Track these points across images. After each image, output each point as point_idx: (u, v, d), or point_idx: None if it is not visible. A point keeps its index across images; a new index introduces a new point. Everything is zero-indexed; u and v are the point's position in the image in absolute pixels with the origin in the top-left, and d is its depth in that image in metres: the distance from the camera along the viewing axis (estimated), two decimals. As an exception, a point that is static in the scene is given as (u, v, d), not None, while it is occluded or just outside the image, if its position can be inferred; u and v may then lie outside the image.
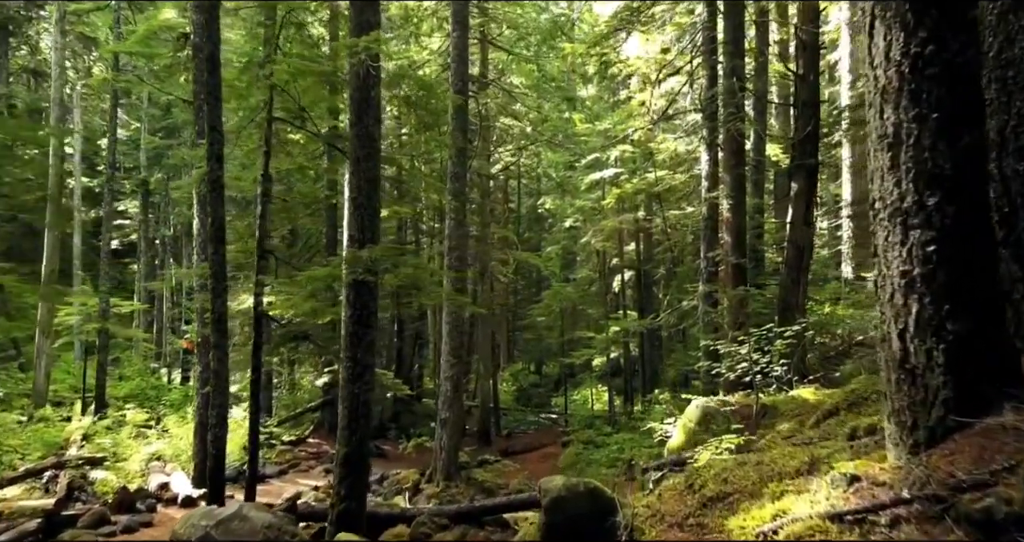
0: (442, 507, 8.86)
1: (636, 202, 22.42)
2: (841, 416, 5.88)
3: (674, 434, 9.48)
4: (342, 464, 7.11)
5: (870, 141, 3.28)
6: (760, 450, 4.68)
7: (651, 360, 25.80)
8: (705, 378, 12.78)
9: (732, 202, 13.03)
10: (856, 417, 5.61)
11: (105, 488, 12.00)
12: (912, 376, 2.98)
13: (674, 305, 17.94)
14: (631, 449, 16.56)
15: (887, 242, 3.12)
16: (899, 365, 3.04)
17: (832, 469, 3.25)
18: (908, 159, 3.03)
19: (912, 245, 3.00)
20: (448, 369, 14.52)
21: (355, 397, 7.25)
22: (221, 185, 8.71)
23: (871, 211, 3.26)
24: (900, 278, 3.04)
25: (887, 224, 3.12)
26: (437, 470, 14.51)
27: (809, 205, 12.74)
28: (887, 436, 3.15)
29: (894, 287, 3.08)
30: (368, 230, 7.44)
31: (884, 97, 3.14)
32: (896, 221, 3.07)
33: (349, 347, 7.36)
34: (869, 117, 3.27)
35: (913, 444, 2.95)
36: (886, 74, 3.12)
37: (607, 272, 27.23)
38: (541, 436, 22.16)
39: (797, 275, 12.59)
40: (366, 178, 7.51)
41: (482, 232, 21.68)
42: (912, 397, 2.97)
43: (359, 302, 7.34)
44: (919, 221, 2.99)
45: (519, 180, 34.57)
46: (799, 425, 7.73)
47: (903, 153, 3.05)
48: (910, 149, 3.03)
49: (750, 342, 8.63)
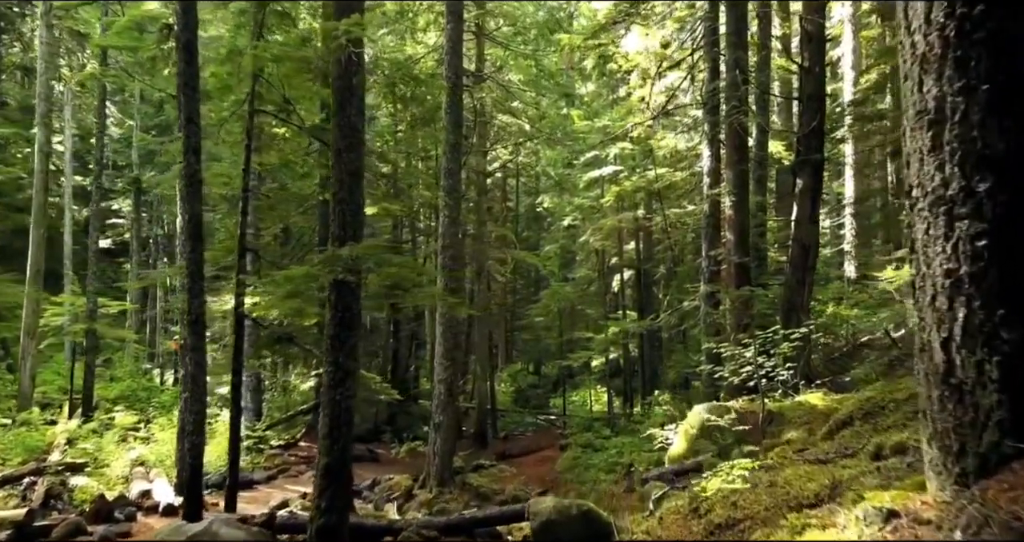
0: (431, 518, 8.42)
1: (636, 200, 21.98)
2: (856, 427, 5.43)
3: (675, 441, 9.05)
4: (323, 475, 6.68)
5: (906, 118, 2.84)
6: (772, 468, 4.24)
7: (651, 361, 25.36)
8: (706, 381, 12.34)
9: (735, 199, 12.60)
10: (873, 429, 5.17)
11: (84, 496, 11.54)
12: (959, 393, 2.54)
13: (674, 305, 17.51)
14: (630, 453, 16.12)
15: (928, 236, 2.68)
16: (942, 380, 2.59)
17: (861, 498, 2.81)
18: (953, 138, 2.59)
19: (958, 239, 2.56)
20: (442, 372, 14.08)
21: (336, 404, 6.81)
22: (198, 180, 8.27)
23: (907, 200, 2.82)
24: (944, 278, 2.60)
25: (927, 215, 2.68)
26: (430, 476, 14.07)
27: (815, 202, 12.30)
28: (927, 461, 2.70)
29: (936, 289, 2.63)
30: (350, 227, 7.00)
31: (924, 67, 2.70)
32: (939, 211, 2.63)
33: (331, 351, 6.92)
34: (905, 90, 2.83)
35: (960, 473, 2.51)
36: (926, 39, 2.68)
37: (606, 271, 26.79)
38: (539, 439, 21.72)
39: (802, 275, 12.15)
40: (348, 171, 7.07)
41: (479, 231, 21.24)
42: (959, 417, 2.53)
43: (341, 303, 6.90)
44: (967, 211, 2.54)
45: (517, 179, 34.12)
46: (808, 433, 7.29)
47: (947, 131, 2.61)
48: (955, 127, 2.58)
49: (755, 344, 8.19)
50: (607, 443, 18.13)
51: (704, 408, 8.64)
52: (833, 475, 3.51)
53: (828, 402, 8.19)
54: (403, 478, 14.33)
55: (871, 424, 5.33)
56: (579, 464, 17.00)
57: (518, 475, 16.52)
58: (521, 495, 14.38)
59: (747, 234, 12.72)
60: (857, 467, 3.70)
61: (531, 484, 16.38)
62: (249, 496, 13.15)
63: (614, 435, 19.01)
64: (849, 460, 4.03)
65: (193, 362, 8.09)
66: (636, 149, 21.24)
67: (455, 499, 13.76)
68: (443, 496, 13.75)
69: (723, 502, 3.68)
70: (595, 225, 23.43)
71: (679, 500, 4.37)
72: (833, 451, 4.62)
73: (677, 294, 19.38)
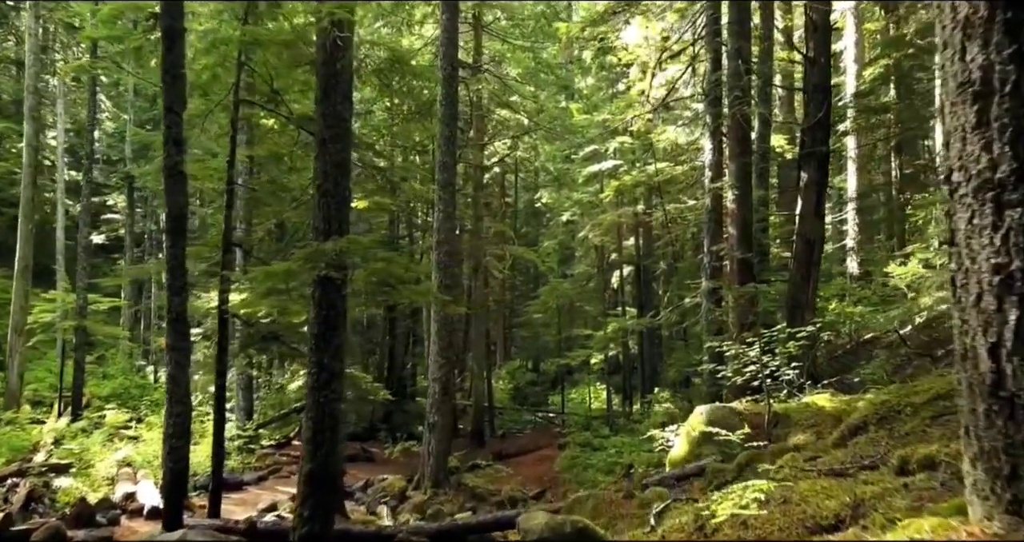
0: (422, 525, 8.09)
1: (635, 195, 21.61)
2: (871, 433, 5.10)
3: (676, 444, 8.72)
4: (306, 481, 6.34)
5: (945, 92, 2.49)
6: (784, 479, 3.90)
7: (651, 358, 25.05)
8: (708, 380, 12.01)
9: (737, 193, 12.25)
10: (889, 435, 4.83)
11: (67, 497, 11.22)
12: (1010, 407, 2.20)
13: (675, 302, 17.16)
14: (630, 453, 15.80)
15: (972, 226, 2.34)
16: (990, 392, 2.25)
17: (891, 523, 2.47)
18: (1002, 113, 2.25)
19: (1009, 229, 2.21)
20: (437, 370, 13.75)
21: (321, 407, 6.47)
22: (180, 172, 7.92)
23: (946, 186, 2.47)
24: (992, 274, 2.25)
25: (971, 202, 2.34)
26: (425, 476, 13.75)
27: (820, 196, 11.97)
28: (970, 484, 2.36)
29: (982, 286, 2.29)
30: (335, 220, 6.65)
31: (967, 32, 2.35)
32: (985, 198, 2.28)
33: (315, 351, 6.58)
34: (943, 61, 2.48)
35: (1012, 500, 2.17)
36: (971, 1, 2.33)
37: (605, 268, 26.46)
38: (537, 437, 21.40)
39: (807, 271, 11.81)
40: (333, 162, 6.72)
41: (476, 226, 20.90)
42: (1010, 436, 2.19)
43: (325, 301, 6.56)
44: (1019, 196, 2.20)
45: (516, 174, 33.75)
46: (817, 437, 6.96)
47: (995, 105, 2.26)
48: (1005, 99, 2.24)
49: (760, 343, 7.84)
50: (606, 442, 17.82)
51: (706, 409, 8.31)
52: (854, 492, 3.18)
53: (836, 403, 7.86)
54: (397, 479, 14.01)
55: (887, 430, 4.99)
56: (577, 464, 16.67)
57: (515, 475, 16.20)
58: (518, 496, 14.07)
59: (750, 229, 12.37)
60: (880, 482, 3.36)
61: (528, 484, 16.06)
62: (238, 498, 12.84)
63: (613, 434, 18.70)
64: (870, 473, 3.69)
65: (174, 362, 7.74)
66: (636, 143, 20.88)
67: (450, 500, 13.44)
68: (438, 497, 13.43)
69: (731, 521, 3.34)
70: (594, 220, 23.06)
71: (683, 515, 4.03)
72: (849, 461, 4.28)
73: (678, 291, 19.05)
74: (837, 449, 5.07)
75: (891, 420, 5.11)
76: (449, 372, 13.95)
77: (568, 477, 16.50)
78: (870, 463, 3.92)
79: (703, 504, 3.84)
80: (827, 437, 6.63)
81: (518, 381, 33.24)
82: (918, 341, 10.83)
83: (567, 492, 15.25)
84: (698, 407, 8.58)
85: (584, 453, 17.51)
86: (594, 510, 6.90)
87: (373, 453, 17.75)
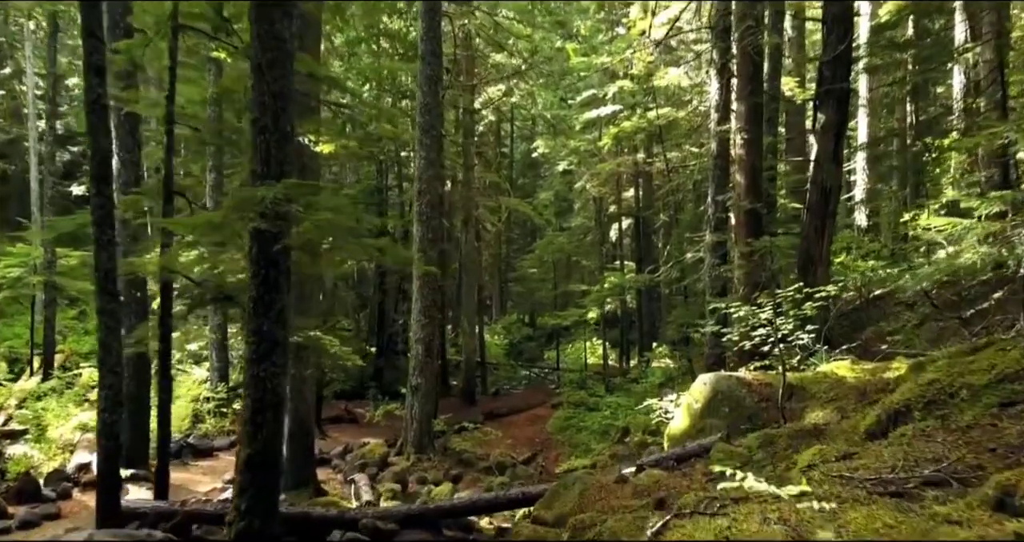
0: (389, 509, 7.22)
1: (635, 142, 20.37)
2: (918, 421, 4.14)
3: (676, 416, 7.81)
4: (244, 469, 5.42)
5: None
6: (821, 498, 2.93)
7: (649, 313, 24.19)
8: (710, 342, 11.07)
9: (746, 137, 11.11)
10: (943, 426, 3.87)
11: (19, 467, 10.41)
12: None
13: (675, 257, 16.14)
14: (625, 416, 15.03)
15: None
16: None
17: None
18: None
19: None
20: (420, 330, 12.83)
21: (261, 382, 5.50)
22: (103, 106, 6.80)
23: None
24: None
25: None
26: (408, 442, 12.98)
27: (839, 139, 10.79)
28: None
29: None
30: (275, 162, 5.57)
31: None
32: None
33: (253, 317, 5.58)
34: None
35: None
36: None
37: (604, 220, 25.36)
38: (530, 396, 20.65)
39: (821, 223, 10.74)
40: (272, 92, 5.60)
41: (466, 176, 19.75)
42: None
43: (263, 258, 5.53)
44: None
45: (512, 123, 32.37)
46: (839, 415, 6.03)
47: None
48: None
49: (773, 304, 6.84)
50: (601, 402, 17.07)
51: (710, 379, 7.37)
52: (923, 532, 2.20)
53: (858, 373, 6.92)
54: (378, 444, 13.23)
55: (939, 419, 4.03)
56: (571, 425, 15.94)
57: (505, 437, 15.44)
58: (506, 461, 13.32)
59: (759, 177, 11.27)
60: (963, 513, 2.39)
61: (519, 447, 15.32)
62: (207, 465, 12.07)
63: (609, 393, 17.94)
64: (941, 494, 2.72)
65: (105, 327, 6.76)
66: (636, 87, 19.54)
67: (434, 467, 12.69)
68: (421, 464, 12.67)
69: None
70: (592, 170, 21.89)
71: (687, 535, 3.09)
72: (902, 466, 3.32)
73: (679, 245, 18.01)
74: (876, 443, 4.11)
75: (943, 405, 4.14)
76: (432, 332, 13.03)
77: (561, 439, 15.77)
78: (937, 477, 2.95)
79: (720, 522, 2.89)
80: (853, 416, 5.69)
81: (513, 336, 32.49)
82: (942, 299, 9.85)
83: (559, 456, 14.54)
84: (701, 376, 7.64)
85: (578, 414, 16.77)
86: (580, 499, 6.02)
87: (358, 414, 16.97)
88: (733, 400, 7.04)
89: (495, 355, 28.24)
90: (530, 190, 34.29)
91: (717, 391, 7.21)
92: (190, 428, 13.55)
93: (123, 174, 10.64)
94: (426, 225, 12.49)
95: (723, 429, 6.92)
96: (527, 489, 6.97)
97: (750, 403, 6.97)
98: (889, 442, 3.98)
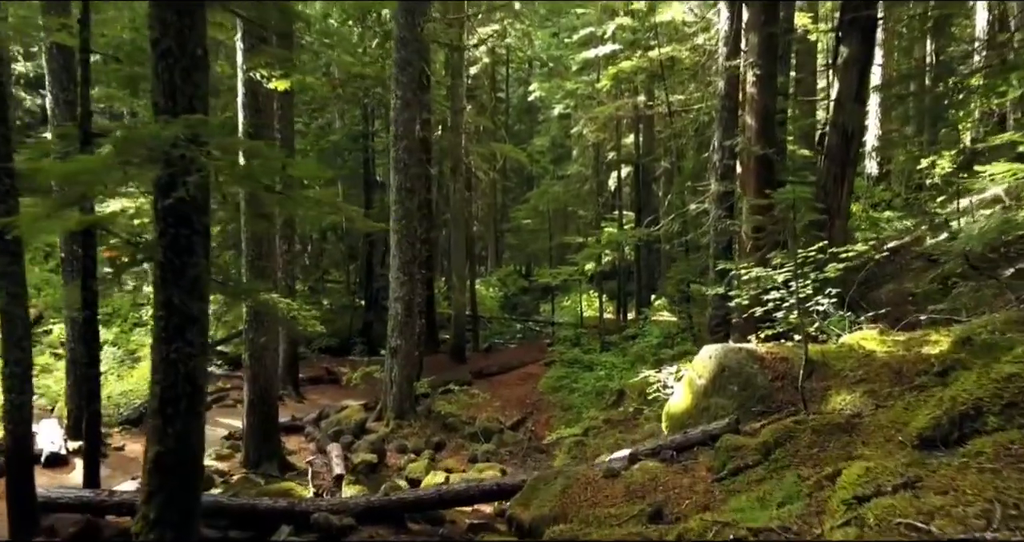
0: (347, 500, 6.33)
1: (635, 83, 19.00)
2: (993, 428, 3.16)
3: (677, 392, 6.87)
4: (152, 470, 4.48)
5: None
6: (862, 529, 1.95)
7: (648, 264, 23.18)
8: (715, 302, 10.08)
9: (759, 73, 9.88)
10: None
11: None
12: None
13: (676, 207, 15.01)
14: (620, 377, 14.16)
15: None
16: None
17: None
18: None
19: None
20: (399, 288, 11.84)
21: (172, 365, 4.51)
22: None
23: None
24: None
25: None
26: (387, 407, 12.12)
27: (863, 75, 9.61)
28: None
29: None
30: (183, 94, 4.46)
31: None
32: None
33: (161, 286, 4.56)
34: None
35: None
36: None
37: (602, 168, 24.10)
38: (523, 352, 19.79)
39: (841, 170, 9.65)
40: (176, 9, 4.45)
41: (454, 120, 18.43)
42: None
43: (172, 216, 4.48)
44: None
45: (507, 66, 30.74)
46: (873, 402, 5.06)
47: None
48: None
49: (795, 263, 5.79)
50: (596, 360, 16.19)
51: (716, 351, 6.39)
52: None
53: (890, 347, 5.93)
54: (355, 409, 12.38)
55: (1019, 425, 3.04)
56: (563, 386, 15.09)
57: (494, 399, 14.60)
58: (493, 427, 12.50)
59: (773, 118, 10.11)
60: None
61: (508, 409, 14.49)
62: (169, 435, 11.20)
63: (605, 350, 17.07)
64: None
65: (6, 294, 5.75)
66: (637, 24, 18.08)
67: (415, 433, 11.86)
68: (401, 430, 11.84)
69: None
70: (590, 114, 20.56)
71: None
72: (997, 516, 2.33)
73: (680, 194, 16.87)
74: (938, 457, 3.12)
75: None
76: (412, 290, 12.03)
77: (552, 400, 14.93)
78: None
79: None
80: (890, 405, 4.72)
81: (509, 289, 31.54)
82: (975, 255, 8.81)
83: (550, 420, 13.72)
84: (706, 348, 6.66)
85: (572, 372, 15.91)
86: (562, 497, 5.10)
87: (340, 374, 16.06)
88: (743, 377, 6.08)
89: (489, 308, 27.36)
90: (526, 136, 32.83)
91: (724, 366, 6.24)
92: (146, 395, 12.62)
93: (58, 116, 9.47)
94: (403, 173, 11.35)
95: (731, 410, 5.98)
96: (502, 481, 6.06)
97: (762, 381, 6.00)
98: (962, 463, 2.99)
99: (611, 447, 10.49)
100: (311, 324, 7.87)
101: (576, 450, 10.95)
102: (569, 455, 10.88)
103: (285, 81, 8.06)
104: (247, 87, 8.57)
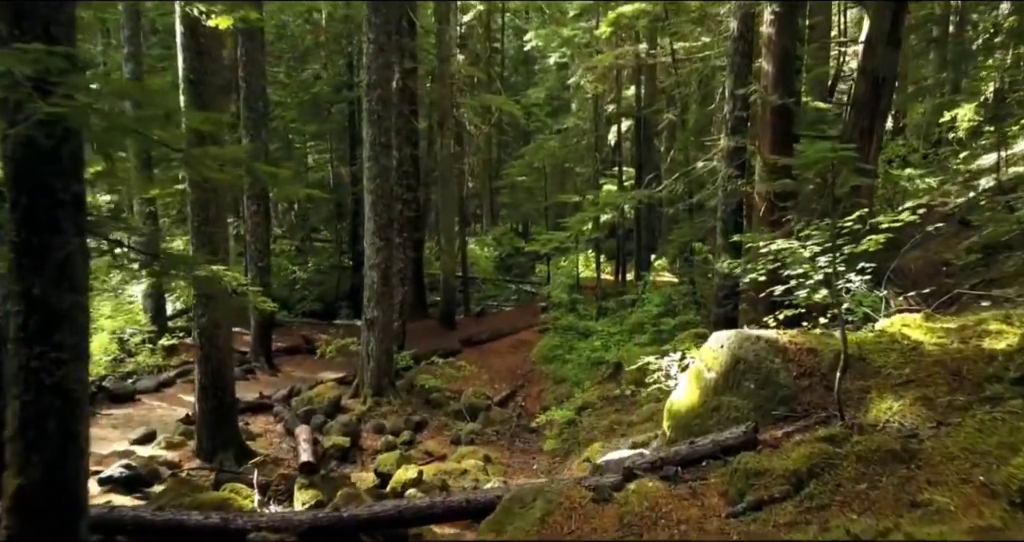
0: (290, 516, 5.38)
1: (637, 29, 17.60)
2: None
3: (682, 385, 5.86)
4: (12, 508, 3.51)
5: None
6: None
7: (648, 223, 22.03)
8: (720, 285, 9.03)
9: (778, 11, 8.63)
10: None
11: None
12: None
13: (680, 164, 13.84)
14: (617, 346, 13.22)
15: None
16: None
17: None
18: None
19: None
20: (374, 254, 10.79)
21: (34, 377, 3.49)
22: None
23: None
24: None
25: None
26: (364, 383, 11.20)
27: (898, 15, 8.37)
28: None
29: None
30: (33, 20, 3.36)
31: None
32: None
33: (16, 274, 3.52)
34: None
35: None
36: None
37: (602, 122, 22.75)
38: (516, 317, 18.83)
39: (870, 123, 8.50)
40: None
41: (440, 69, 17.09)
42: None
43: (28, 182, 3.41)
44: None
45: (503, 15, 29.05)
46: (928, 409, 4.05)
47: None
48: None
49: (833, 234, 4.70)
50: (592, 327, 15.24)
51: (729, 340, 5.37)
52: None
53: (939, 336, 4.91)
54: (329, 385, 11.45)
55: None
56: (557, 356, 14.16)
57: (482, 371, 13.72)
58: (479, 403, 11.60)
59: (792, 64, 8.90)
60: None
61: (497, 382, 13.59)
62: (123, 414, 10.28)
63: (601, 316, 16.12)
64: None
65: None
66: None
67: (394, 411, 10.95)
68: (379, 408, 10.93)
69: None
70: (588, 63, 19.17)
71: None
72: None
73: (683, 150, 15.68)
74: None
75: None
76: (390, 255, 10.99)
77: (545, 371, 14.02)
78: None
79: None
80: (959, 421, 3.70)
81: (504, 249, 30.43)
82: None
83: (541, 394, 12.82)
84: (716, 335, 5.63)
85: (566, 340, 14.97)
86: (541, 528, 4.14)
87: (319, 343, 15.08)
88: (761, 373, 5.07)
89: (483, 269, 26.36)
90: (523, 88, 31.29)
91: (739, 358, 5.22)
92: (110, 367, 11.68)
93: None
94: (377, 126, 10.18)
95: (746, 412, 4.99)
96: (473, 496, 5.09)
97: (785, 379, 4.99)
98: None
99: (606, 431, 9.60)
100: (259, 302, 6.83)
101: (568, 432, 10.05)
102: (560, 438, 10.00)
103: (227, 18, 6.87)
104: (184, 25, 7.38)
